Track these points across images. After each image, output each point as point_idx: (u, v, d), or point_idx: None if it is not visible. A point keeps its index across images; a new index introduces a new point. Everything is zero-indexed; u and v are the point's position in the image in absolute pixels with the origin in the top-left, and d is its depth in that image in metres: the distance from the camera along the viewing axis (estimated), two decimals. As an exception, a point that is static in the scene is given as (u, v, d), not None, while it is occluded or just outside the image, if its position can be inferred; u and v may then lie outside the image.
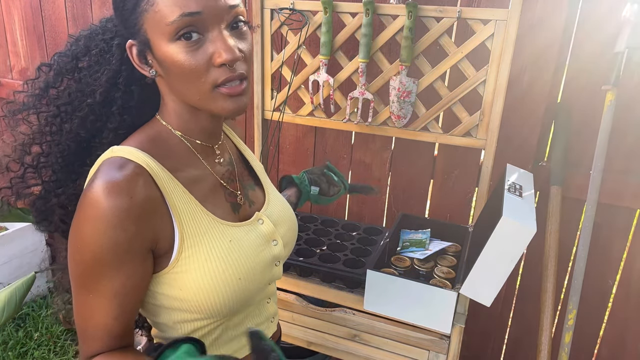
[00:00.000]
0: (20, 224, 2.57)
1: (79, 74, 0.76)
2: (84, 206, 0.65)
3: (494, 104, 1.34)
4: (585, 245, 1.41)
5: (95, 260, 0.65)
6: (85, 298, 0.67)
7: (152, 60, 0.69)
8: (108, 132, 0.76)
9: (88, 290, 0.67)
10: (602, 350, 1.65)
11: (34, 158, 0.77)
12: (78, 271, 0.67)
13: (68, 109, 0.75)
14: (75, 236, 0.66)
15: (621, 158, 1.47)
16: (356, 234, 1.57)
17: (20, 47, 2.67)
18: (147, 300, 0.75)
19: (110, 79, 0.74)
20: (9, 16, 2.64)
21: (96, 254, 0.64)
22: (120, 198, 0.64)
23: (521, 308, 1.73)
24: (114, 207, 0.63)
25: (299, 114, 1.61)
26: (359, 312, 1.29)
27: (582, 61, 1.45)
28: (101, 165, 0.68)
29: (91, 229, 0.64)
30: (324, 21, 1.44)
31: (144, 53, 0.69)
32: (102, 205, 0.63)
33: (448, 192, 1.70)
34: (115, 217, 0.63)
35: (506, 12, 1.27)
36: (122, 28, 0.71)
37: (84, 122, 0.75)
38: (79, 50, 0.77)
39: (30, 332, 2.42)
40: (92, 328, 0.68)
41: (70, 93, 0.76)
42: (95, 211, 0.63)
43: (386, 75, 1.46)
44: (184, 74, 0.66)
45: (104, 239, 0.64)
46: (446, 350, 1.21)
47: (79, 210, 0.66)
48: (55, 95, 0.77)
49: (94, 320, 0.68)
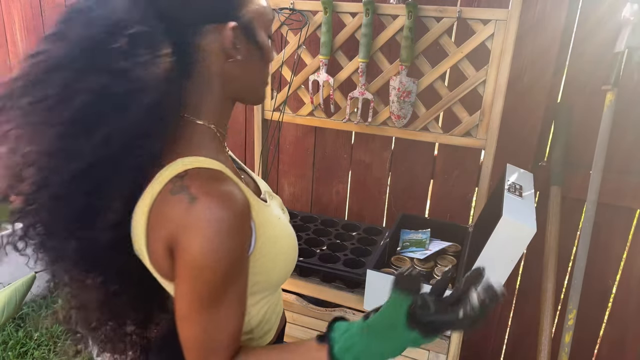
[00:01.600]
0: (20, 224, 2.57)
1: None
2: (201, 224, 0.62)
3: (494, 104, 1.34)
4: (585, 245, 1.41)
5: (224, 273, 0.64)
6: (215, 313, 0.66)
7: (243, 46, 0.71)
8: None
9: (219, 305, 0.66)
10: (602, 350, 1.65)
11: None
12: (206, 290, 0.65)
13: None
14: (199, 256, 0.63)
15: (621, 158, 1.47)
16: (356, 234, 1.57)
17: (20, 47, 2.68)
18: None
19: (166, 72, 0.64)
20: (9, 16, 2.64)
21: (226, 267, 0.64)
22: (233, 207, 0.64)
23: (521, 308, 1.73)
24: (232, 217, 0.63)
25: (299, 114, 1.61)
26: (359, 312, 1.28)
27: (582, 61, 1.45)
28: (187, 180, 0.64)
29: (218, 244, 0.63)
30: (324, 21, 1.44)
31: (241, 38, 0.70)
32: (223, 218, 0.62)
33: (448, 192, 1.70)
34: (234, 227, 0.64)
35: (506, 12, 1.27)
36: (217, 13, 0.68)
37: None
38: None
39: (30, 332, 2.42)
40: (225, 339, 0.68)
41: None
42: (217, 225, 0.62)
43: (386, 75, 1.46)
44: (265, 63, 0.76)
45: (230, 251, 0.64)
46: (446, 350, 1.21)
47: (194, 229, 0.62)
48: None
49: (227, 331, 0.68)
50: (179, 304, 0.67)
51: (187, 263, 0.64)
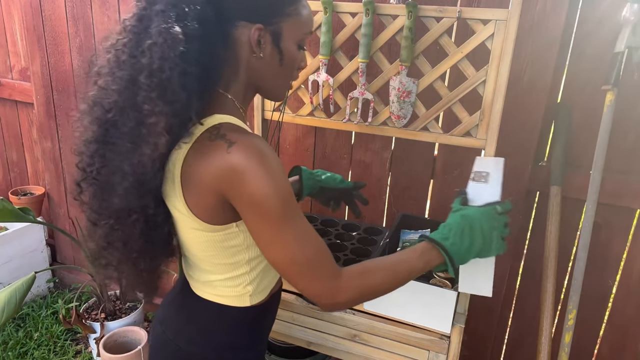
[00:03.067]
0: (20, 224, 2.57)
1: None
2: (245, 162, 0.75)
3: (494, 104, 1.34)
4: (585, 245, 1.41)
5: (284, 196, 0.77)
6: (296, 226, 0.80)
7: (267, 46, 0.86)
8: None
9: (295, 219, 0.80)
10: (602, 350, 1.65)
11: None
12: (277, 213, 0.77)
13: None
14: (257, 190, 0.75)
15: (621, 158, 1.47)
16: (356, 234, 1.57)
17: (20, 47, 2.68)
18: (235, 243, 0.87)
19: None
20: (9, 16, 2.64)
21: (283, 189, 0.77)
22: (267, 148, 0.78)
23: (521, 308, 1.73)
24: (269, 153, 0.77)
25: (299, 114, 1.61)
26: (358, 312, 1.29)
27: (582, 61, 1.45)
28: (223, 129, 0.78)
29: (267, 174, 0.75)
30: (324, 21, 1.44)
31: (267, 39, 0.85)
32: (262, 155, 0.76)
33: (448, 192, 1.70)
34: (273, 158, 0.77)
35: (506, 12, 1.27)
36: (250, 14, 0.83)
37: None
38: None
39: (30, 332, 2.42)
40: (320, 250, 0.82)
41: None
42: (259, 160, 0.75)
43: (386, 75, 1.46)
44: (287, 66, 0.90)
45: (278, 176, 0.77)
46: (446, 350, 1.21)
47: (240, 170, 0.75)
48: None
49: (315, 242, 0.82)
50: (262, 236, 0.80)
51: (249, 200, 0.76)
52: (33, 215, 2.11)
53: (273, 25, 0.85)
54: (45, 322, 2.49)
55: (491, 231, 0.88)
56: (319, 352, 1.39)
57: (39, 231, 2.70)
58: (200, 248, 0.89)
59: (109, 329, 2.16)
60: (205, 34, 0.78)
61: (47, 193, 2.75)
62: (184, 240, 0.91)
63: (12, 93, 2.74)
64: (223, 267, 0.91)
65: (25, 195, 2.77)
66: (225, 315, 0.95)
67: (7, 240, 2.54)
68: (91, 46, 2.25)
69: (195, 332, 0.95)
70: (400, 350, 1.26)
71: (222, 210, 0.82)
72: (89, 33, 2.24)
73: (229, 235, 0.86)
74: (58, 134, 2.54)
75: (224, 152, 0.76)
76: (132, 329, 2.15)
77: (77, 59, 2.32)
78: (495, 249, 0.89)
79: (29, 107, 2.72)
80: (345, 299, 0.81)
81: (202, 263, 0.93)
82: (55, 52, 2.38)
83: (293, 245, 0.79)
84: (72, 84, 2.38)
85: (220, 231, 0.85)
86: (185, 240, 0.91)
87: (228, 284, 0.93)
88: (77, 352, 2.33)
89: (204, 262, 0.92)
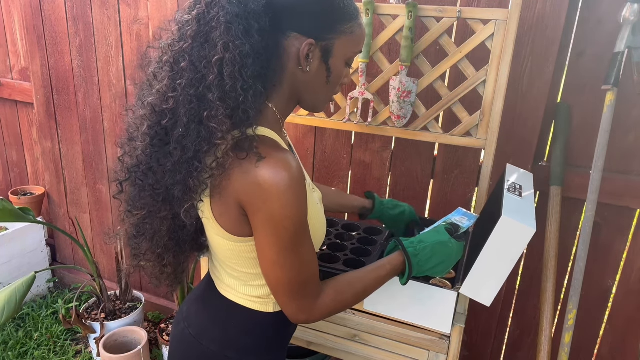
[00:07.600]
0: (20, 224, 2.57)
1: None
2: (271, 181, 0.75)
3: (494, 104, 1.34)
4: (585, 245, 1.41)
5: (300, 220, 0.79)
6: (300, 253, 0.81)
7: (315, 62, 0.84)
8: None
9: (302, 246, 0.81)
10: (602, 350, 1.65)
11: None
12: (288, 236, 0.79)
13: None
14: (278, 210, 0.76)
15: (621, 158, 1.47)
16: (356, 234, 1.57)
17: (20, 47, 2.68)
18: (253, 255, 0.87)
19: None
20: (9, 16, 2.64)
21: (299, 215, 0.78)
22: (294, 169, 0.77)
23: (521, 308, 1.73)
24: (295, 174, 0.77)
25: (299, 114, 1.61)
26: (358, 312, 1.28)
27: (582, 61, 1.45)
28: (256, 142, 0.77)
29: (290, 195, 0.76)
30: (324, 21, 1.44)
31: (316, 55, 0.84)
32: (288, 175, 0.76)
33: (448, 192, 1.70)
34: (298, 182, 0.77)
35: (506, 12, 1.27)
36: (304, 27, 0.81)
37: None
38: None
39: (30, 332, 2.42)
40: (313, 274, 0.85)
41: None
42: (286, 181, 0.76)
43: (386, 75, 1.46)
44: (332, 82, 0.89)
45: (299, 200, 0.78)
46: (446, 350, 1.21)
47: (267, 187, 0.75)
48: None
49: (312, 268, 0.85)
50: (267, 253, 0.81)
51: (267, 218, 0.77)
52: (33, 215, 2.11)
53: (325, 42, 0.83)
54: (45, 322, 2.49)
55: (455, 260, 1.02)
56: (319, 352, 1.39)
57: (39, 231, 2.70)
58: (225, 255, 0.90)
59: (109, 329, 2.16)
60: (266, 46, 0.78)
61: (47, 193, 2.75)
62: (211, 243, 0.92)
63: (12, 93, 2.74)
64: (246, 275, 0.91)
65: (25, 195, 2.77)
66: (250, 318, 0.95)
67: (7, 240, 2.54)
68: (91, 46, 2.25)
69: (219, 332, 0.95)
70: (400, 350, 1.26)
71: (246, 222, 0.82)
72: (89, 33, 2.24)
73: (252, 247, 0.86)
74: (58, 134, 2.54)
75: (253, 166, 0.75)
76: (132, 329, 2.15)
77: (77, 59, 2.32)
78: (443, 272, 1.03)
79: (29, 107, 2.72)
80: (319, 317, 0.88)
81: (227, 268, 0.93)
82: (55, 52, 2.38)
83: (293, 269, 0.81)
84: (72, 84, 2.38)
85: (243, 242, 0.85)
86: (211, 243, 0.92)
87: (252, 292, 0.93)
88: (77, 352, 2.33)
89: (229, 268, 0.93)
